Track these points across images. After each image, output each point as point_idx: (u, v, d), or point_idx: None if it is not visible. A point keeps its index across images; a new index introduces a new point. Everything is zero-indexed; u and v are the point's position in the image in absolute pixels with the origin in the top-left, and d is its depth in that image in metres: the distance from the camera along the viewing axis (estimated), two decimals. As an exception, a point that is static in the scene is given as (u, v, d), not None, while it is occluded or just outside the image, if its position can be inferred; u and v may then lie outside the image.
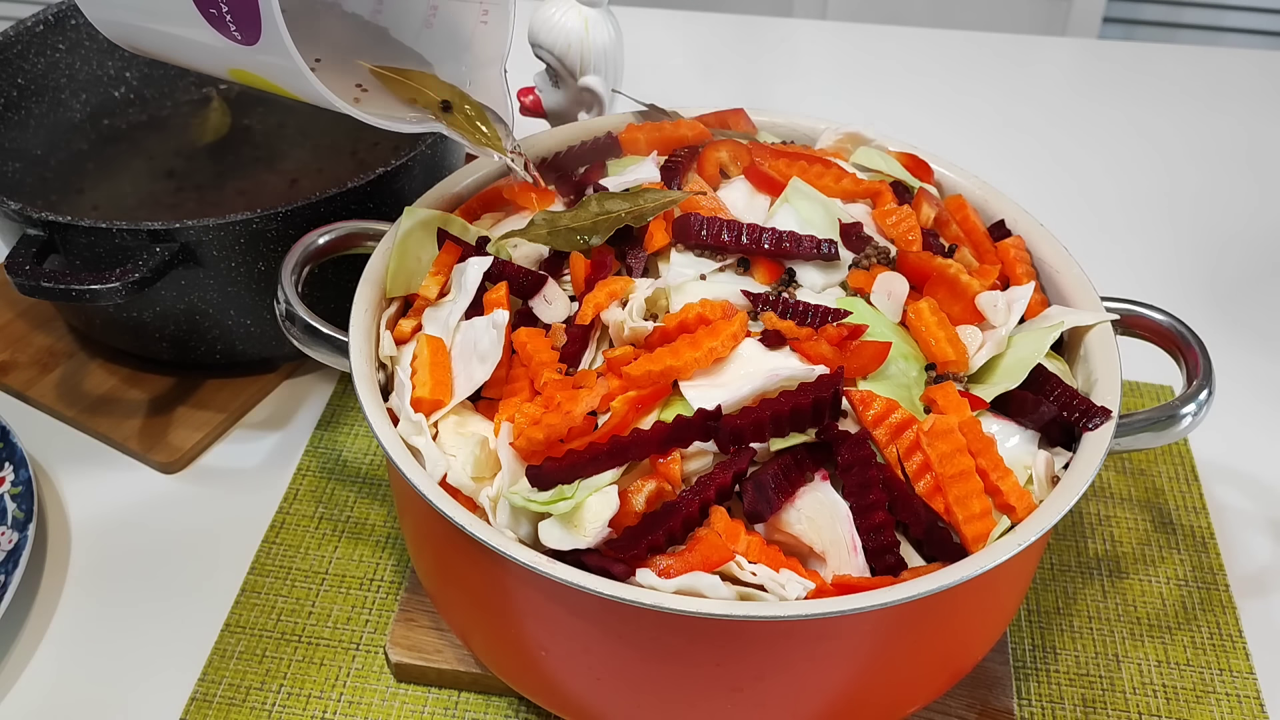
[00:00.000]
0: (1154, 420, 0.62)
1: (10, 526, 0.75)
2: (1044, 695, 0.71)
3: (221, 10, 0.59)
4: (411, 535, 0.67)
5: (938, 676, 0.62)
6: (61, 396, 0.88)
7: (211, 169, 0.96)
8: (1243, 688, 0.72)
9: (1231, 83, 1.34)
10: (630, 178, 0.70)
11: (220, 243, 0.76)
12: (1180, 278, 1.05)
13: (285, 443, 0.86)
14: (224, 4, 0.59)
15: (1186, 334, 0.65)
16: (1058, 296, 0.68)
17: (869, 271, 0.64)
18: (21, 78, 0.94)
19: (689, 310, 0.60)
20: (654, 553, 0.53)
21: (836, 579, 0.53)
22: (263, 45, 0.59)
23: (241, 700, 0.69)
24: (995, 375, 0.61)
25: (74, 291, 0.72)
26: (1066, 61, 1.42)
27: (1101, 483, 0.84)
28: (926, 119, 1.26)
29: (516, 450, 0.56)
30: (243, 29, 0.59)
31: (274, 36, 0.58)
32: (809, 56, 1.38)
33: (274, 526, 0.80)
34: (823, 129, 0.78)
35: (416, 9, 0.73)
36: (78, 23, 0.97)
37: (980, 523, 0.55)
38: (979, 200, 0.74)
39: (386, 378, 0.64)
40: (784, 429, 0.55)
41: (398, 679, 0.71)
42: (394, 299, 0.67)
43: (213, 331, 0.83)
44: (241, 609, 0.75)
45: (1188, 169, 1.20)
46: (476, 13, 0.72)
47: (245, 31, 0.59)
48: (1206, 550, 0.80)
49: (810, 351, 0.58)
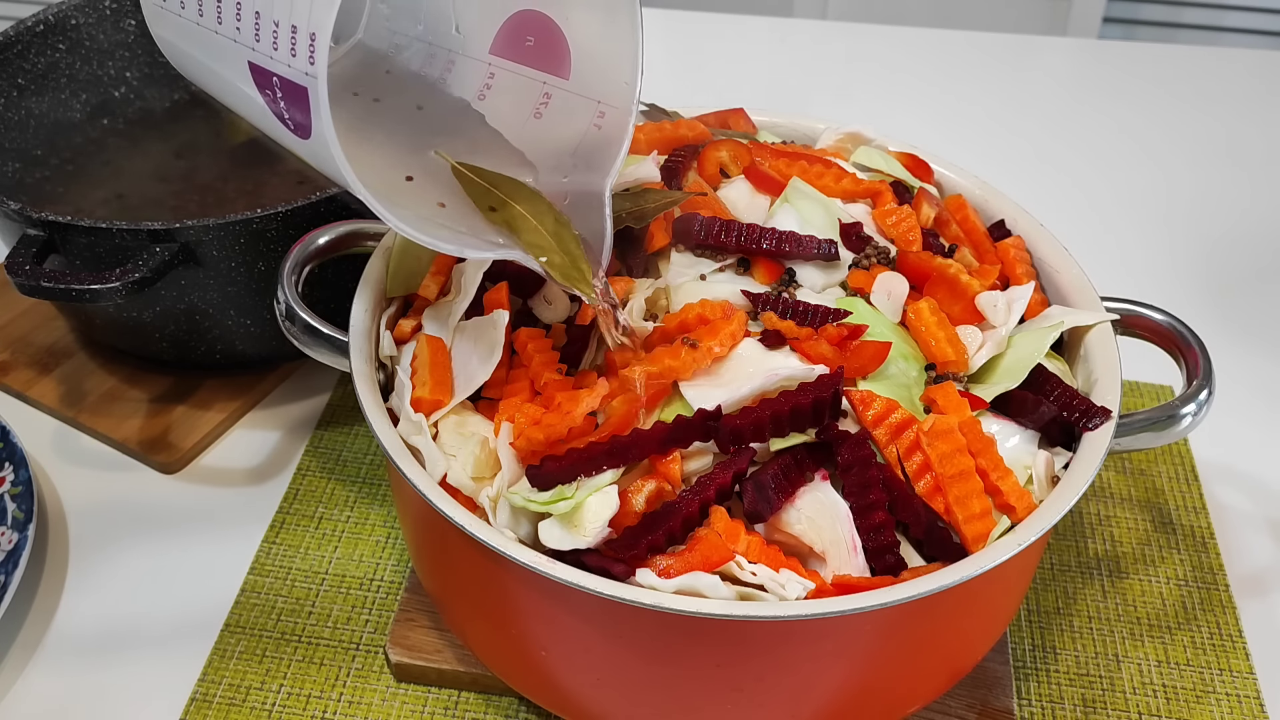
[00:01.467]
0: (1154, 420, 0.62)
1: (10, 526, 0.75)
2: (1044, 695, 0.71)
3: (275, 93, 0.51)
4: (411, 535, 0.67)
5: (938, 676, 0.62)
6: (61, 396, 0.88)
7: (212, 169, 0.96)
8: (1243, 688, 0.72)
9: (1231, 83, 1.34)
10: (630, 178, 0.70)
11: (220, 243, 0.76)
12: (1180, 277, 1.05)
13: (285, 443, 0.86)
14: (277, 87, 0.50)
15: (1186, 334, 0.65)
16: (1058, 296, 0.68)
17: (869, 271, 0.64)
18: (21, 78, 0.94)
19: (689, 310, 0.60)
20: (654, 553, 0.53)
21: (836, 579, 0.53)
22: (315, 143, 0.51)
23: (241, 700, 0.69)
24: (995, 375, 0.61)
25: (74, 291, 0.72)
26: (1066, 62, 1.42)
27: (1101, 483, 0.84)
28: (926, 119, 1.26)
29: (516, 450, 0.56)
30: (295, 121, 0.51)
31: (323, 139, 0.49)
32: (809, 56, 1.38)
33: (274, 526, 0.80)
34: (823, 129, 0.78)
35: (527, 95, 0.61)
36: (78, 23, 0.97)
37: (980, 523, 0.55)
38: (979, 200, 0.74)
39: (386, 378, 0.64)
40: (784, 429, 0.55)
41: (398, 679, 0.71)
42: (394, 299, 0.67)
43: (213, 331, 0.83)
44: (241, 609, 0.75)
45: (1187, 168, 1.20)
46: (591, 113, 0.60)
47: (298, 125, 0.51)
48: (1206, 550, 0.80)
49: (810, 351, 0.58)
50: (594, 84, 0.60)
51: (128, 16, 0.99)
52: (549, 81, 0.61)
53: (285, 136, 0.54)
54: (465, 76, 0.63)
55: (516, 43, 0.62)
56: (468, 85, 0.64)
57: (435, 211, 0.57)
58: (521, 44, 0.61)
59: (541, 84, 0.61)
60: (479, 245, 0.56)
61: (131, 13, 0.99)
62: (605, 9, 0.58)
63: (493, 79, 0.63)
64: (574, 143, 0.61)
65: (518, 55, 0.62)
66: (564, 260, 0.56)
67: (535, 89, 0.62)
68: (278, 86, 0.50)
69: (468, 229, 0.57)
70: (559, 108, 0.61)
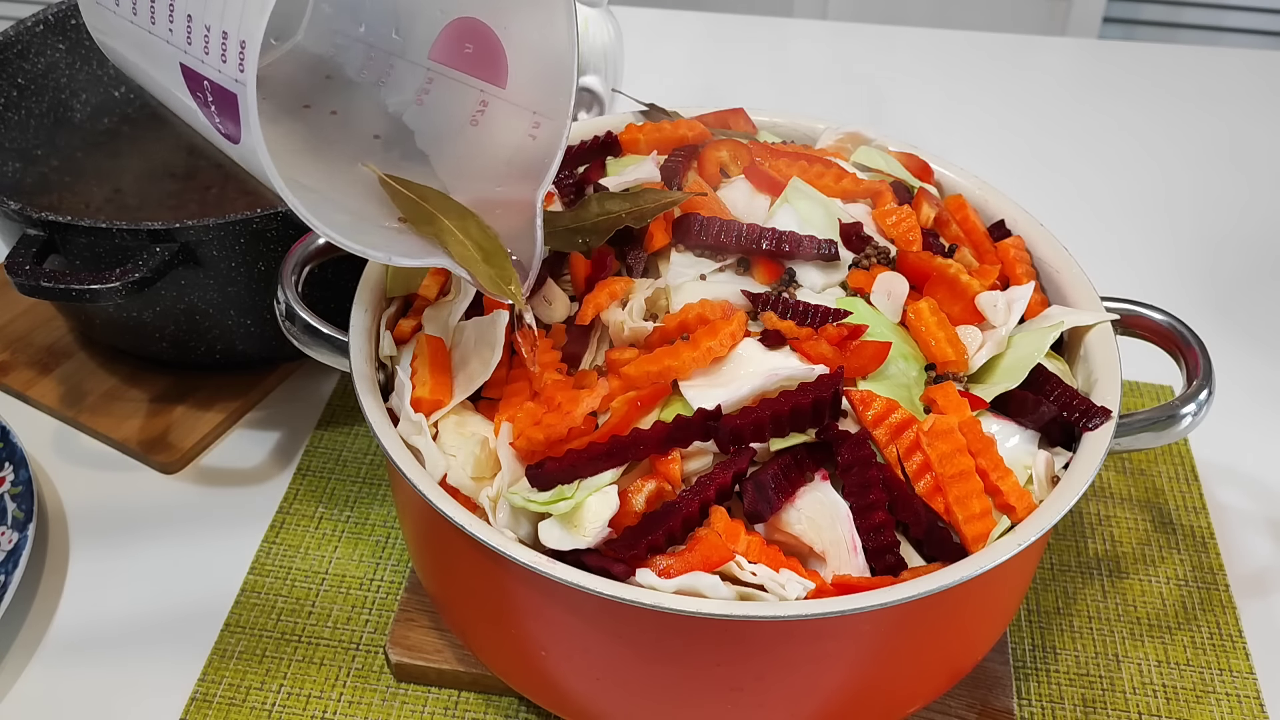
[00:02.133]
0: (1154, 420, 0.62)
1: (10, 526, 0.75)
2: (1044, 695, 0.71)
3: (206, 96, 0.50)
4: (411, 535, 0.67)
5: (938, 676, 0.62)
6: (61, 396, 0.88)
7: (213, 169, 0.96)
8: (1243, 688, 0.72)
9: (1231, 83, 1.34)
10: (630, 178, 0.70)
11: (220, 243, 0.76)
12: (1180, 277, 1.05)
13: (285, 443, 0.86)
14: (208, 91, 0.49)
15: (1186, 334, 0.65)
16: (1058, 296, 0.68)
17: (869, 271, 0.64)
18: (21, 78, 0.94)
19: (689, 310, 0.60)
20: (654, 553, 0.53)
21: (836, 579, 0.53)
22: (244, 149, 0.50)
23: (241, 700, 0.69)
24: (995, 375, 0.61)
25: (74, 291, 0.72)
26: (1066, 62, 1.42)
27: (1101, 483, 0.84)
28: (926, 119, 1.26)
29: (516, 450, 0.56)
30: (225, 125, 0.50)
31: (252, 141, 0.48)
32: (809, 56, 1.38)
33: (274, 526, 0.80)
34: (823, 129, 0.78)
35: (464, 102, 0.61)
36: (78, 23, 0.96)
37: (980, 523, 0.55)
38: (979, 200, 0.74)
39: (386, 378, 0.64)
40: (784, 429, 0.55)
41: (398, 679, 0.71)
42: (394, 299, 0.67)
43: (213, 331, 0.83)
44: (241, 609, 0.75)
45: (1187, 168, 1.20)
46: (527, 123, 0.60)
47: (228, 130, 0.50)
48: (1206, 550, 0.80)
49: (810, 351, 0.58)
50: (530, 94, 0.61)
51: (128, 16, 0.99)
52: (486, 89, 0.61)
53: (217, 139, 0.54)
54: (403, 80, 0.64)
55: (456, 49, 0.62)
56: (405, 89, 0.64)
57: (364, 218, 0.58)
58: (460, 51, 0.62)
59: (479, 91, 0.62)
60: (408, 254, 0.56)
61: (131, 13, 0.99)
62: (542, 20, 0.59)
63: (430, 84, 0.63)
64: (509, 152, 0.61)
65: (456, 62, 0.62)
66: (490, 272, 0.56)
67: (473, 96, 0.62)
68: (208, 90, 0.50)
69: (399, 235, 0.57)
70: (495, 116, 0.62)
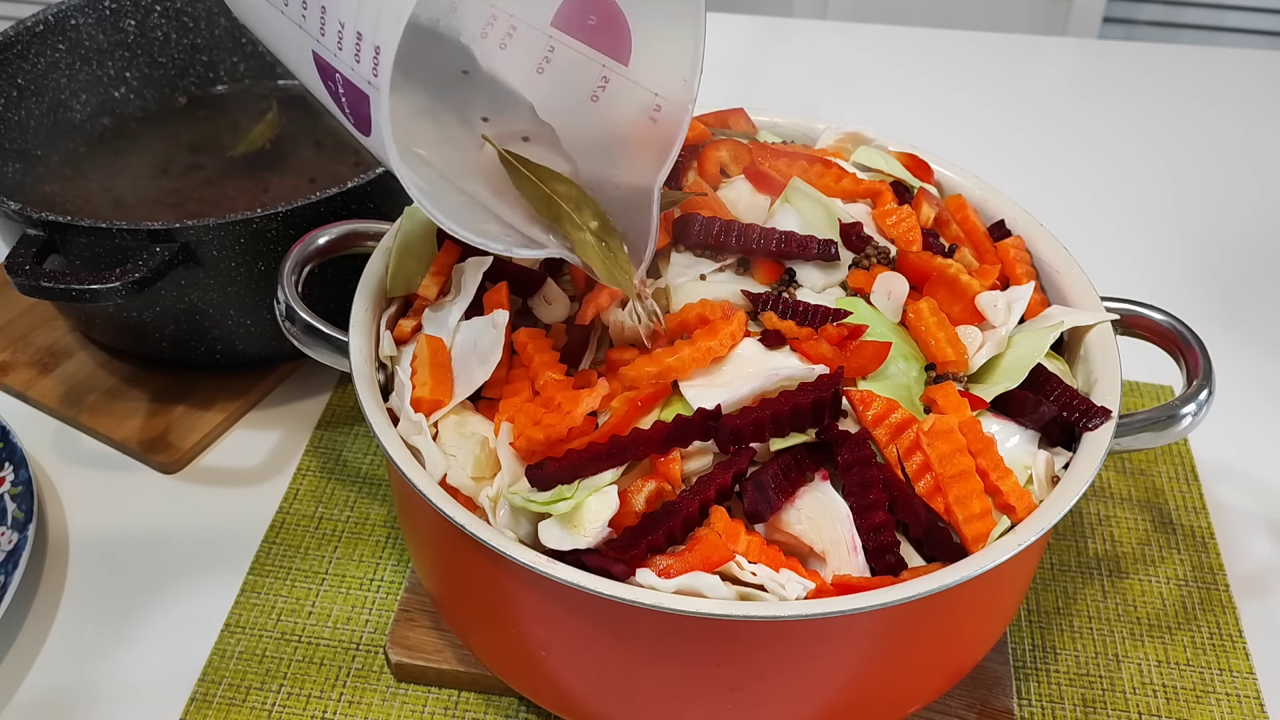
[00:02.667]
0: (1154, 420, 0.62)
1: (10, 526, 0.75)
2: (1044, 695, 0.71)
3: (337, 87, 0.50)
4: (411, 535, 0.67)
5: (938, 676, 0.62)
6: (61, 396, 0.88)
7: (213, 169, 0.96)
8: (1243, 688, 0.72)
9: (1231, 82, 1.34)
10: (630, 178, 0.70)
11: (220, 243, 0.76)
12: (1180, 277, 1.05)
13: (285, 443, 0.86)
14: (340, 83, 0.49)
15: (1186, 334, 0.65)
16: (1058, 296, 0.68)
17: (869, 271, 0.64)
18: (21, 78, 0.94)
19: (689, 310, 0.60)
20: (654, 553, 0.53)
21: (836, 579, 0.53)
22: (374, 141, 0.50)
23: (241, 700, 0.69)
24: (995, 375, 0.61)
25: (74, 291, 0.72)
26: (1066, 61, 1.42)
27: (1101, 483, 0.84)
28: (926, 119, 1.26)
29: (516, 450, 0.56)
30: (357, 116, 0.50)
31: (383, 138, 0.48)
32: (809, 56, 1.38)
33: (274, 526, 0.80)
34: (823, 129, 0.78)
35: (585, 76, 0.59)
36: (78, 23, 0.97)
37: (980, 523, 0.55)
38: (979, 200, 0.74)
39: (386, 378, 0.64)
40: (784, 429, 0.55)
41: (398, 679, 0.71)
42: (394, 299, 0.67)
43: (213, 331, 0.83)
44: (241, 609, 0.75)
45: (1188, 169, 1.20)
46: (648, 104, 0.58)
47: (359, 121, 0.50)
48: (1206, 550, 0.80)
49: (810, 351, 0.58)
50: (653, 75, 0.59)
51: (127, 16, 0.99)
52: (608, 65, 0.59)
53: (346, 123, 0.53)
54: (524, 47, 0.61)
55: (579, 20, 0.60)
56: (527, 57, 0.61)
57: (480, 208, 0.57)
58: (584, 21, 0.60)
59: (600, 66, 0.60)
60: (525, 244, 0.55)
61: (131, 13, 0.99)
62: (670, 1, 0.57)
63: (552, 53, 0.61)
64: (627, 134, 0.60)
65: (579, 33, 0.60)
66: (606, 259, 0.55)
67: (594, 70, 0.60)
68: (340, 83, 0.50)
69: (511, 224, 0.56)
70: (616, 94, 0.60)
